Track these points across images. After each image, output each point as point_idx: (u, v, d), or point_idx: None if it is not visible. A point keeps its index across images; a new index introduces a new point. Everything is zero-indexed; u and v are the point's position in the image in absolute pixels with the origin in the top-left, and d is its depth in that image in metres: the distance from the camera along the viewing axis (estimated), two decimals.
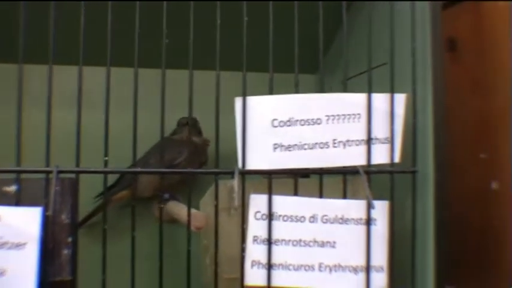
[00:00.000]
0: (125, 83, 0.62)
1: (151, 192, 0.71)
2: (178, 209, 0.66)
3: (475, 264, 0.79)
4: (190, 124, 0.75)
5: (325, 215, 0.60)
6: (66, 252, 0.56)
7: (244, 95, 0.59)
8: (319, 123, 0.60)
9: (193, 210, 0.62)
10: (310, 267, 0.60)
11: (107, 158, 0.57)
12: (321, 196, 0.60)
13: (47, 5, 0.55)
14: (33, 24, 0.57)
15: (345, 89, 0.62)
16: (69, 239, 0.57)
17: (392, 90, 0.61)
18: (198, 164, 0.74)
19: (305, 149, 0.60)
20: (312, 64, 0.64)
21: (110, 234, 0.58)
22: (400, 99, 0.62)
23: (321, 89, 0.62)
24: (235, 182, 0.57)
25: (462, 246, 0.81)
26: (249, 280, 0.58)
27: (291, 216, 0.59)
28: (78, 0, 0.56)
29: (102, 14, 0.56)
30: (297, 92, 0.60)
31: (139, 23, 0.56)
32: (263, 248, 0.59)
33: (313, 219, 0.60)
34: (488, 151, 0.77)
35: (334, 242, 0.60)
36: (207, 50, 0.58)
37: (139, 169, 0.58)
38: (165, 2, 0.57)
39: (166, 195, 0.74)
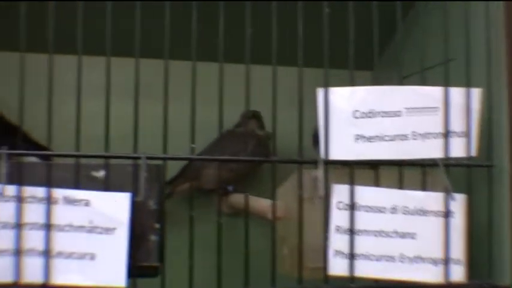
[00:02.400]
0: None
1: (215, 185, 0.71)
2: (254, 200, 0.66)
3: None
4: (254, 117, 0.76)
5: (406, 207, 0.61)
6: (153, 238, 0.57)
7: (326, 85, 0.60)
8: (399, 116, 0.61)
9: (270, 201, 0.63)
10: (391, 258, 0.60)
11: (194, 146, 0.58)
12: (401, 187, 0.61)
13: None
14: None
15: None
16: (157, 225, 0.57)
17: (468, 84, 0.62)
18: (261, 156, 0.74)
19: (385, 140, 0.61)
20: (369, 61, 0.65)
21: (171, 226, 0.59)
22: (475, 93, 0.63)
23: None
24: (319, 172, 0.58)
25: None
26: (332, 270, 0.59)
27: (373, 206, 0.60)
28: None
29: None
30: None
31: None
32: (345, 238, 0.59)
33: (393, 210, 0.60)
34: None
35: (414, 234, 0.61)
36: (264, 46, 0.59)
37: (228, 157, 0.58)
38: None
39: (230, 188, 0.74)
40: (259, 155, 0.75)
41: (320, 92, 0.60)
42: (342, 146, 0.60)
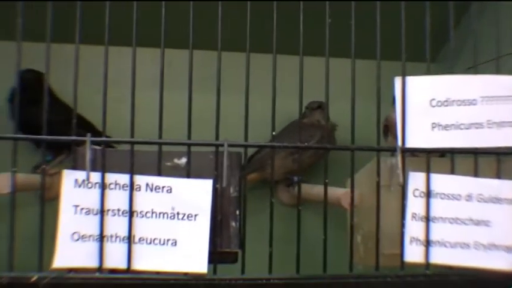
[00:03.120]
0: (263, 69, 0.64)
1: (281, 176, 0.72)
2: (329, 189, 0.67)
3: None
4: (319, 108, 0.76)
5: (480, 194, 0.61)
6: (234, 224, 0.57)
7: (403, 74, 0.60)
8: (474, 104, 0.61)
9: (343, 190, 0.63)
10: (466, 245, 0.60)
11: (274, 133, 0.58)
12: (476, 175, 0.61)
13: None
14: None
15: None
16: (237, 212, 0.58)
17: None
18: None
19: (461, 128, 0.61)
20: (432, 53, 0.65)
21: None
22: None
23: None
24: (398, 159, 0.58)
25: None
26: (408, 256, 0.59)
27: (448, 194, 0.60)
28: None
29: None
30: None
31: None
32: (421, 225, 0.60)
33: (468, 197, 0.61)
34: None
35: (489, 221, 0.61)
36: (340, 39, 0.59)
37: (306, 145, 0.59)
38: None
39: (296, 178, 0.75)
40: None
41: (397, 81, 0.60)
42: (418, 134, 0.60)
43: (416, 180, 0.60)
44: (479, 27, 0.73)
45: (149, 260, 0.56)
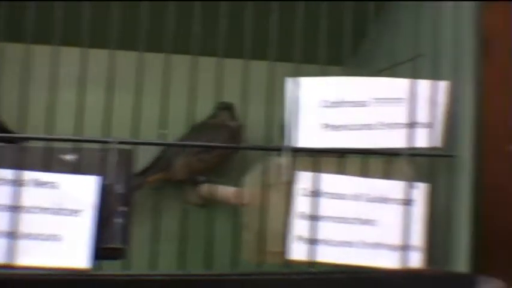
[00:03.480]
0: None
1: (186, 175, 0.72)
2: (221, 188, 0.68)
3: None
4: (227, 109, 0.77)
5: (368, 194, 0.62)
6: (118, 220, 0.58)
7: (295, 76, 0.61)
8: (366, 106, 0.62)
9: (234, 189, 0.64)
10: (351, 244, 0.62)
11: (165, 131, 0.59)
12: (365, 176, 0.62)
13: None
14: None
15: None
16: (122, 209, 0.58)
17: (434, 78, 0.64)
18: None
19: (352, 129, 0.62)
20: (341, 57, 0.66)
21: (140, 216, 0.61)
22: (442, 86, 0.64)
23: None
24: (284, 159, 0.59)
25: (501, 235, 0.82)
26: (293, 254, 0.61)
27: (336, 193, 0.62)
28: None
29: None
30: None
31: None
32: (307, 223, 0.61)
33: (356, 197, 0.62)
34: None
35: (375, 221, 0.63)
36: (237, 40, 0.60)
37: (200, 143, 0.59)
38: None
39: (202, 178, 0.76)
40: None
41: (289, 81, 0.61)
42: (308, 135, 0.61)
43: (304, 179, 0.61)
44: (388, 34, 0.73)
45: (33, 256, 0.56)
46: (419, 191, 0.63)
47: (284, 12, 0.61)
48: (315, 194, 0.61)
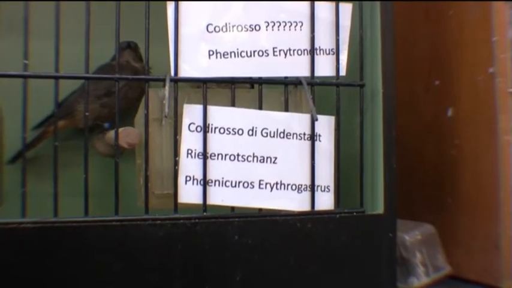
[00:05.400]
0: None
1: (91, 122, 0.65)
2: (111, 132, 0.61)
3: (431, 195, 0.75)
4: (130, 48, 0.70)
5: (265, 128, 0.56)
6: None
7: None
8: (257, 30, 0.56)
9: (125, 128, 0.58)
10: (250, 184, 0.55)
11: (26, 62, 0.52)
12: (260, 108, 0.56)
13: None
14: None
15: None
16: None
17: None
18: (139, 90, 0.68)
19: (242, 56, 0.56)
20: None
21: (45, 169, 0.57)
22: (346, 9, 0.58)
23: None
24: (167, 90, 0.53)
25: (418, 176, 0.77)
26: (183, 197, 0.54)
27: (228, 128, 0.55)
28: None
29: None
30: None
31: None
32: (198, 162, 0.54)
33: (252, 132, 0.56)
34: (443, 78, 0.74)
35: (276, 158, 0.56)
36: None
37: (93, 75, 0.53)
38: None
39: (107, 125, 0.69)
40: (136, 88, 0.69)
41: (169, 5, 0.54)
42: (193, 63, 0.55)
43: (191, 113, 0.55)
44: None
45: None
46: (325, 125, 0.57)
47: None
48: (204, 129, 0.54)
